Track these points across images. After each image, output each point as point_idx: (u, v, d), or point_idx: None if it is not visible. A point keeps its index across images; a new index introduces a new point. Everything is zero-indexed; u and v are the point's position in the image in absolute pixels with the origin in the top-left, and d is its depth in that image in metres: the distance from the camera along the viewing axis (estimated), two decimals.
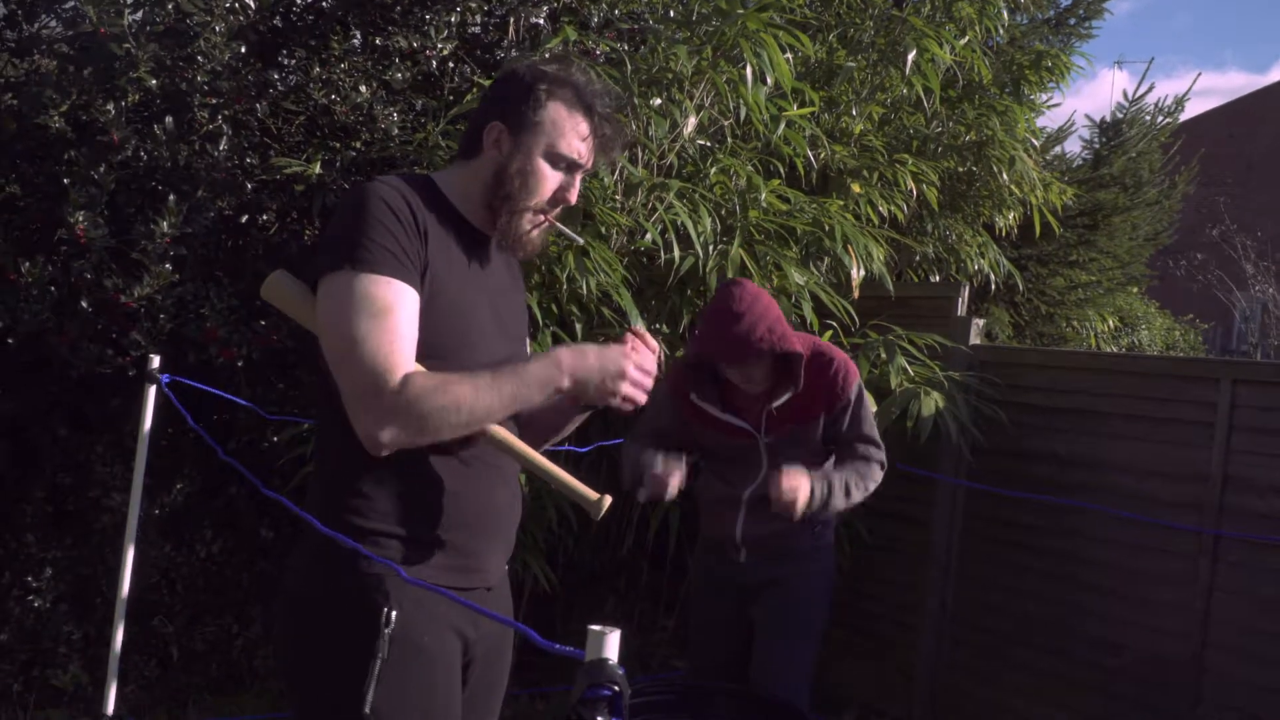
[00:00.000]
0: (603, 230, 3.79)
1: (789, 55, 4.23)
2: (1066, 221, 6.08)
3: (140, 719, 3.80)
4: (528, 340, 2.11)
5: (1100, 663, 3.90)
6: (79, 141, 3.88)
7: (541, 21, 4.51)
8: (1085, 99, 57.29)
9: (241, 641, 4.31)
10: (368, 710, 1.69)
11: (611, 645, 1.21)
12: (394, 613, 1.72)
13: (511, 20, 4.44)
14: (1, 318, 3.65)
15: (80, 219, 3.60)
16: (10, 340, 3.71)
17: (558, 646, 1.34)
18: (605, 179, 3.64)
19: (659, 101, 3.74)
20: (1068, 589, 4.02)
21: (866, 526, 4.38)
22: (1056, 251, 6.33)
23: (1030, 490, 4.09)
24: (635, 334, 1.95)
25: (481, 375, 1.74)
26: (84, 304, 3.73)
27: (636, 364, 1.83)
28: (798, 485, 2.87)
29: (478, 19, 4.56)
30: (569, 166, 1.90)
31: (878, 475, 3.08)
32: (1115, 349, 7.01)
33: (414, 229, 1.77)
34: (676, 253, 3.64)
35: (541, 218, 1.91)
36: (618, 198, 3.75)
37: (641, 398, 1.86)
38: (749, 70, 3.81)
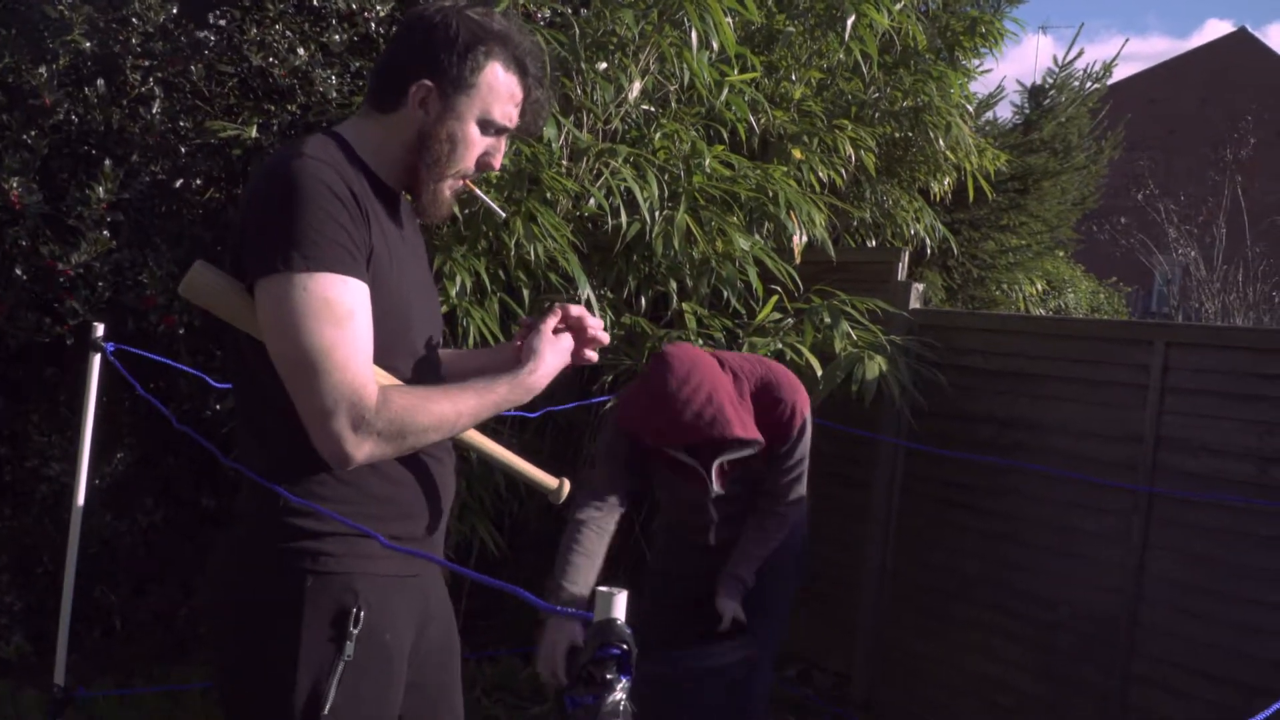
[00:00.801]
0: (549, 195, 3.79)
1: (730, 20, 4.25)
2: (998, 186, 6.19)
3: (88, 688, 3.76)
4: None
5: (1038, 618, 4.03)
6: (10, 105, 3.78)
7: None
8: (1013, 64, 58.13)
9: (186, 611, 4.28)
10: (326, 712, 1.63)
11: (619, 605, 1.25)
12: (362, 612, 1.66)
13: None
14: None
15: (14, 185, 3.52)
16: None
17: (559, 609, 1.37)
18: (552, 144, 3.64)
19: (604, 66, 3.74)
20: (1006, 547, 4.14)
21: (809, 487, 4.45)
22: (988, 215, 6.45)
23: (970, 451, 4.19)
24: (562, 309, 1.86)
25: (462, 394, 1.68)
26: (19, 272, 3.65)
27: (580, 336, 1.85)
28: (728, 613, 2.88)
29: None
30: (498, 131, 1.78)
31: (783, 531, 3.03)
32: (1043, 312, 7.18)
33: (358, 214, 1.63)
34: (624, 218, 3.65)
35: (461, 183, 1.79)
36: (564, 163, 3.75)
37: (593, 356, 1.87)
38: (694, 35, 3.82)
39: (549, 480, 1.97)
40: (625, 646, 1.23)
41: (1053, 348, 4.09)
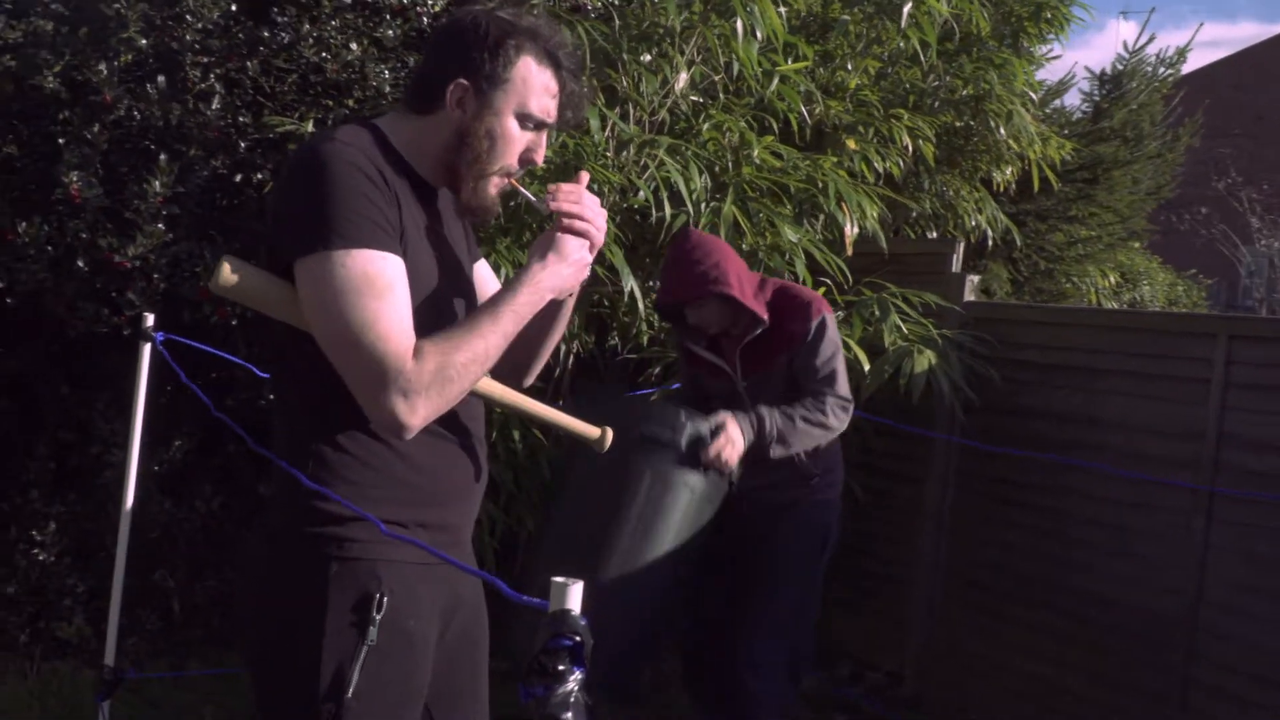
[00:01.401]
0: (594, 188, 3.79)
1: (783, 9, 4.20)
2: (1065, 176, 6.05)
3: (142, 670, 3.86)
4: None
5: (1094, 619, 3.93)
6: (73, 102, 3.88)
7: None
8: (1094, 51, 56.74)
9: None
10: (350, 695, 1.65)
11: (574, 596, 1.24)
12: (385, 598, 1.68)
13: None
14: (2, 276, 3.68)
15: (74, 179, 3.62)
16: (9, 300, 3.74)
17: (524, 597, 1.36)
18: (596, 136, 3.64)
19: (649, 58, 3.72)
20: (1062, 545, 4.05)
21: (860, 484, 4.41)
22: (1055, 206, 6.30)
23: (1025, 447, 4.10)
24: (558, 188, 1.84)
25: (480, 321, 1.69)
26: (80, 263, 3.75)
27: (583, 224, 1.79)
28: (727, 436, 2.95)
29: None
30: (537, 126, 1.80)
31: (835, 412, 3.09)
32: (1116, 305, 7.00)
33: (388, 193, 1.67)
34: (668, 210, 3.63)
35: (506, 180, 1.81)
36: (609, 155, 3.74)
37: (600, 238, 1.83)
38: (739, 24, 3.78)
39: (590, 430, 1.97)
40: (578, 638, 1.22)
41: (1111, 341, 3.98)
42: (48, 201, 3.83)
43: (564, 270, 1.78)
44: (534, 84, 1.77)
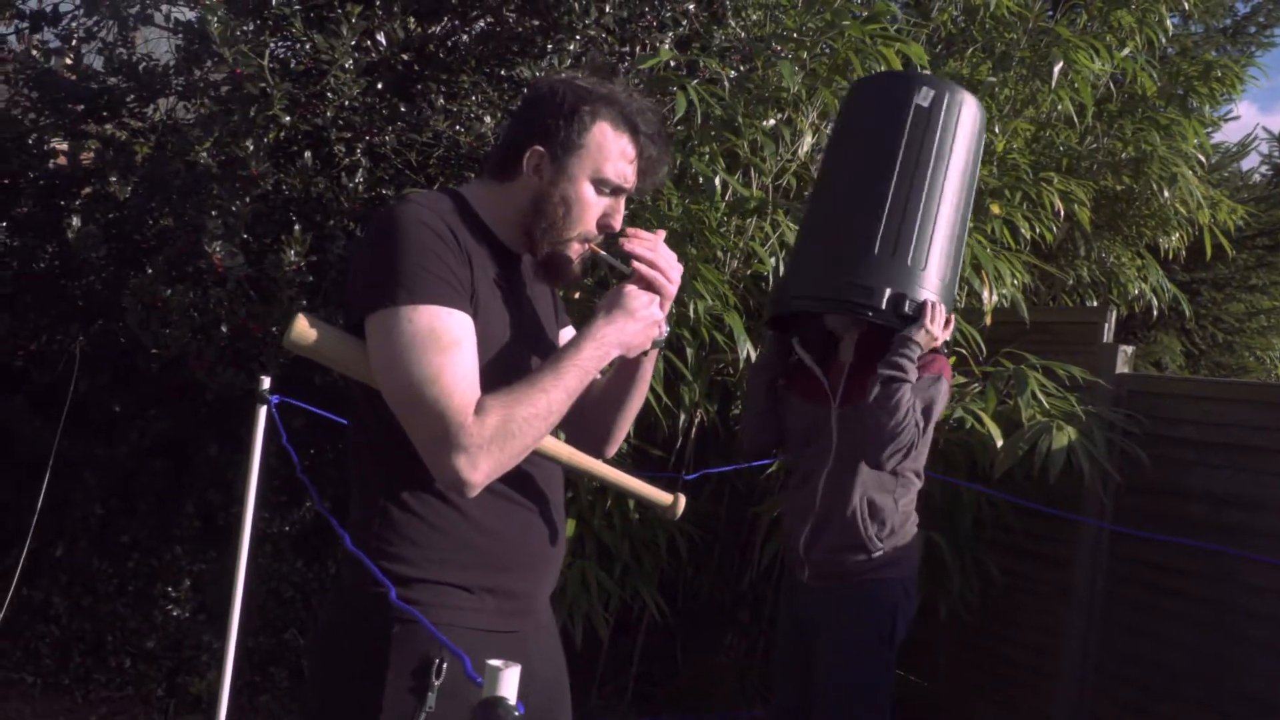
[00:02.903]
0: (718, 254, 3.74)
1: (926, 71, 4.08)
2: (1244, 242, 5.66)
3: None
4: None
5: None
6: (223, 177, 4.10)
7: (668, 46, 4.50)
8: None
9: None
10: None
11: (509, 682, 1.15)
12: (445, 665, 1.64)
13: (636, 48, 4.45)
14: (149, 342, 3.88)
15: (217, 249, 3.79)
16: (153, 366, 3.93)
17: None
18: (717, 201, 3.59)
19: (772, 122, 3.66)
20: (1222, 641, 3.69)
21: (998, 564, 4.14)
22: (1233, 275, 5.88)
23: (1182, 531, 3.77)
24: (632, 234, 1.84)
25: (543, 377, 1.67)
26: (223, 329, 3.92)
27: (653, 272, 1.79)
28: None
29: (605, 48, 4.59)
30: (614, 191, 1.81)
31: (910, 438, 2.86)
32: None
33: (459, 253, 1.68)
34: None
35: (586, 246, 1.82)
36: (729, 219, 3.69)
37: (671, 291, 1.82)
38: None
39: (663, 497, 1.94)
40: None
41: (1276, 417, 3.64)
42: (195, 271, 4.03)
43: (631, 326, 1.75)
44: (610, 150, 1.78)
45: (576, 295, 3.64)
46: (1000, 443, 3.64)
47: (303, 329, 1.68)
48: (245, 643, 4.04)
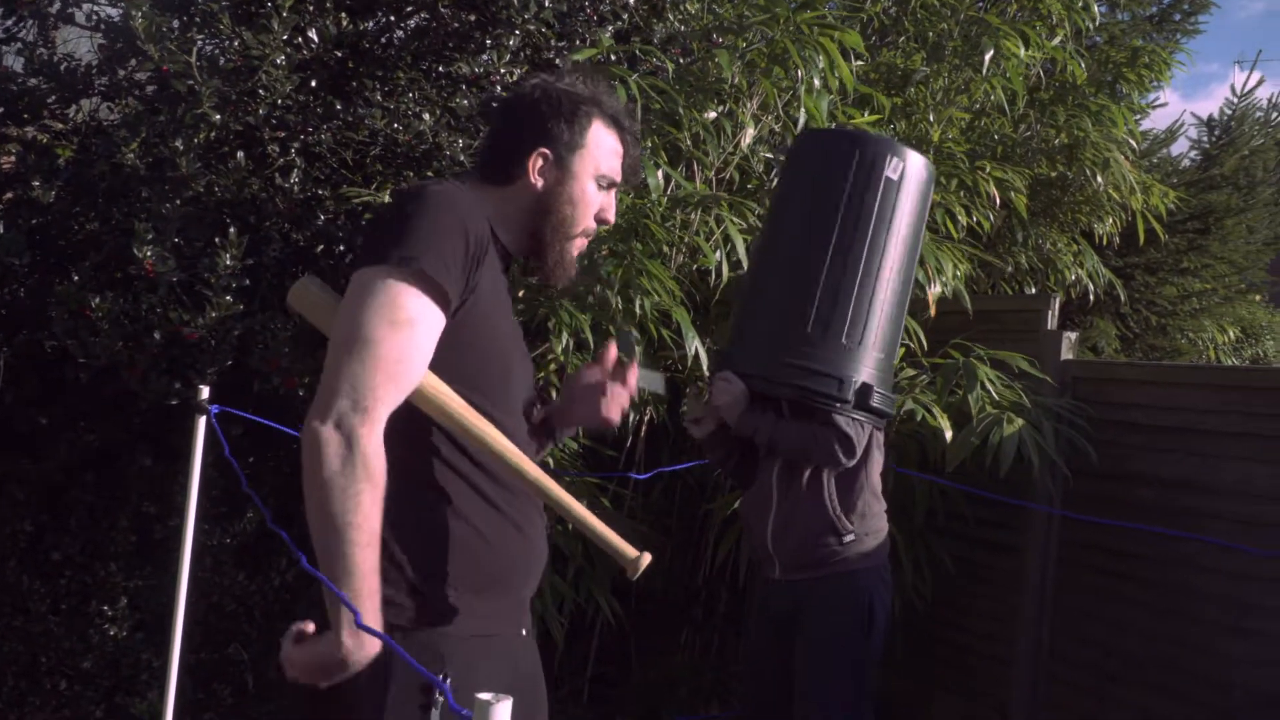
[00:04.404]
0: (664, 249, 3.69)
1: (859, 62, 4.08)
2: (1175, 226, 5.75)
3: None
4: None
5: (1211, 703, 3.59)
6: (152, 179, 3.96)
7: (609, 39, 4.44)
8: (1215, 102, 55.16)
9: None
10: None
11: (499, 717, 1.10)
12: (449, 681, 1.61)
13: (576, 42, 4.38)
14: (77, 352, 3.74)
15: (148, 254, 3.66)
16: (81, 376, 3.79)
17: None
18: (653, 195, 3.54)
19: (713, 115, 3.62)
20: (1174, 622, 3.73)
21: (950, 553, 4.16)
22: (1166, 259, 5.98)
23: (1133, 516, 3.80)
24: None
25: (368, 545, 1.55)
26: (156, 335, 3.79)
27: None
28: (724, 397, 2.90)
29: (550, 43, 4.52)
30: (609, 186, 1.89)
31: (833, 450, 2.90)
32: (1236, 361, 6.60)
33: (477, 246, 1.69)
34: (725, 272, 3.51)
35: (584, 241, 1.89)
36: (675, 213, 3.64)
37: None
38: (801, 74, 3.66)
39: (629, 551, 1.89)
40: None
41: (1222, 400, 3.69)
42: (125, 276, 3.89)
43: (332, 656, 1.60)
44: (605, 147, 1.87)
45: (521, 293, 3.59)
46: (950, 436, 3.64)
47: (302, 288, 1.74)
48: (186, 660, 3.92)
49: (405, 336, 1.58)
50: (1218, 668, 3.58)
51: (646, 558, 1.90)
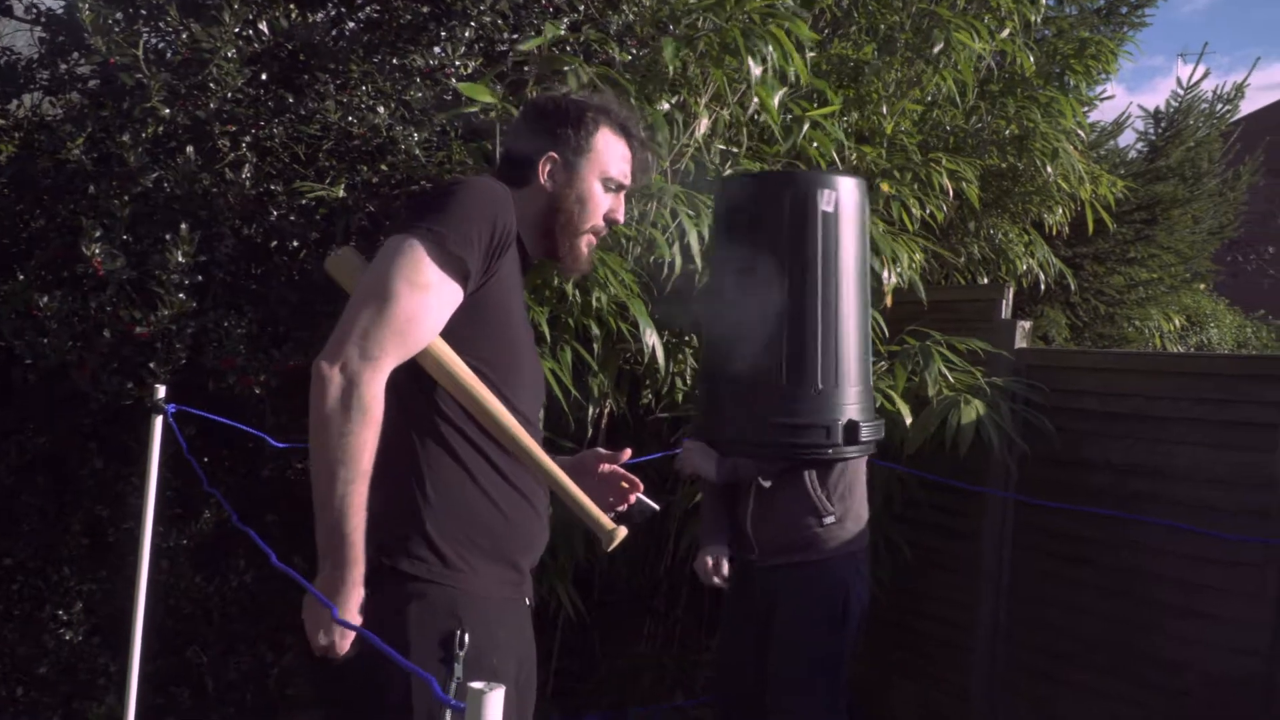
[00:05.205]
0: (622, 242, 3.69)
1: (813, 54, 4.10)
2: (1122, 217, 5.84)
3: None
4: None
5: (1164, 684, 3.67)
6: (99, 175, 3.89)
7: (563, 33, 4.42)
8: (1160, 94, 56.10)
9: (276, 670, 4.27)
10: None
11: (493, 708, 1.10)
12: (467, 636, 1.73)
13: (531, 34, 4.36)
14: (25, 353, 3.66)
15: (96, 251, 3.60)
16: (30, 377, 3.72)
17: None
18: None
19: (666, 106, 3.62)
20: (1128, 605, 3.80)
21: (908, 540, 4.20)
22: (1113, 249, 6.08)
23: (1086, 500, 3.87)
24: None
25: (361, 478, 1.70)
26: (106, 334, 3.73)
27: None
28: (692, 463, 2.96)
29: (503, 35, 4.49)
30: (617, 188, 2.04)
31: None
32: (1182, 349, 6.72)
33: (503, 236, 1.81)
34: (679, 262, 3.52)
35: (594, 238, 2.04)
36: (631, 205, 3.64)
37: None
38: (754, 65, 3.65)
39: (606, 523, 2.00)
40: None
41: (1173, 386, 3.76)
42: (73, 274, 3.82)
43: (326, 589, 1.73)
44: (613, 151, 2.02)
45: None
46: (909, 420, 3.68)
47: (342, 256, 1.88)
48: (144, 664, 3.86)
49: (420, 299, 1.72)
50: (1170, 649, 3.66)
51: (621, 532, 2.00)
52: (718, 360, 3.01)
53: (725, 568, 3.09)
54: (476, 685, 1.11)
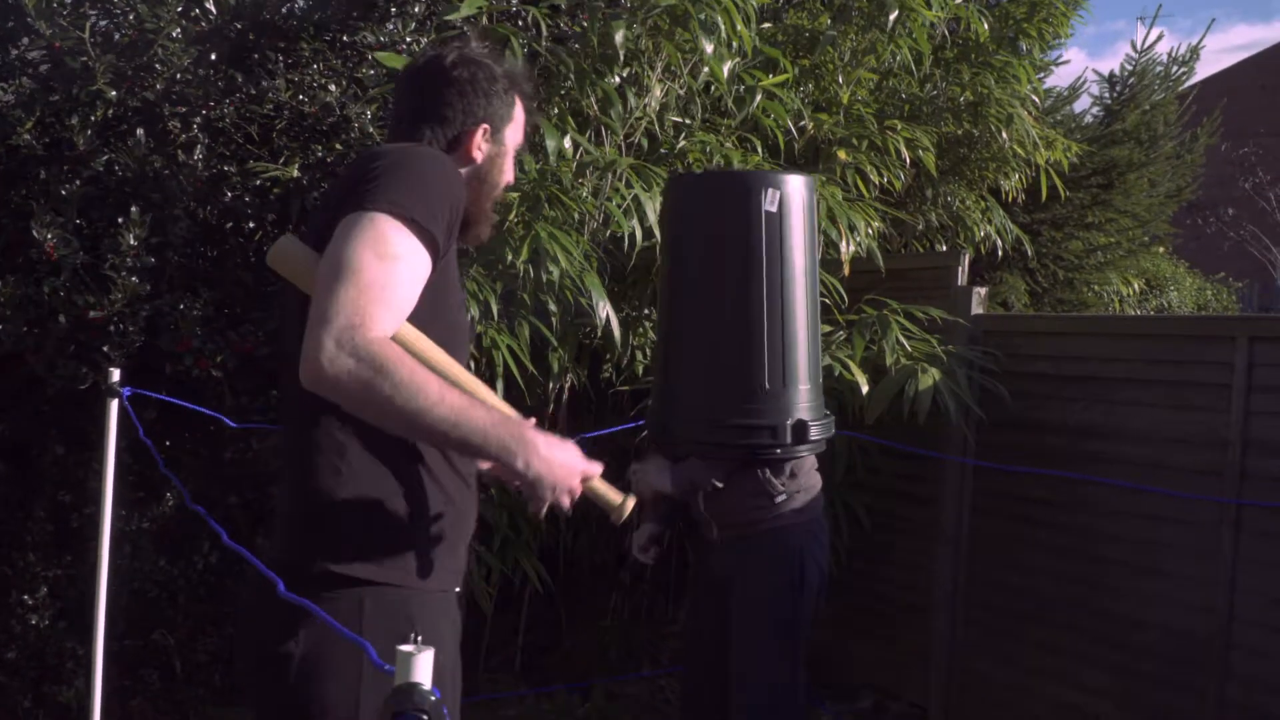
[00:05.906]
0: (575, 215, 3.69)
1: (766, 25, 4.10)
2: (1079, 181, 5.88)
3: None
4: None
5: (1122, 641, 3.75)
6: (49, 159, 3.85)
7: (514, 7, 4.40)
8: (1120, 58, 56.24)
9: None
10: None
11: (423, 667, 1.11)
12: (419, 637, 1.60)
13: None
14: None
15: (49, 236, 3.57)
16: None
17: (386, 667, 1.22)
18: (554, 160, 3.53)
19: (617, 80, 3.62)
20: (1085, 565, 3.87)
21: (866, 506, 4.25)
22: (1071, 214, 6.12)
23: (1043, 463, 3.93)
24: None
25: (454, 390, 1.56)
26: (61, 319, 3.70)
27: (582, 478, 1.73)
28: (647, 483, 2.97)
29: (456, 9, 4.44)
30: (518, 153, 2.03)
31: None
32: (1141, 312, 6.79)
33: (459, 213, 1.74)
34: (640, 236, 3.53)
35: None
36: (583, 180, 3.64)
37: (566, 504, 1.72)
38: (704, 37, 3.64)
39: (614, 496, 1.87)
40: (426, 716, 1.08)
41: (1126, 349, 3.81)
42: (26, 260, 3.79)
43: (556, 466, 1.65)
44: (521, 118, 2.00)
45: None
46: (866, 389, 3.71)
47: (283, 247, 1.73)
48: (111, 647, 3.86)
49: (390, 269, 1.57)
50: (1128, 607, 3.72)
51: (632, 500, 1.89)
52: (673, 361, 3.01)
53: (652, 552, 3.20)
54: (405, 648, 1.12)
